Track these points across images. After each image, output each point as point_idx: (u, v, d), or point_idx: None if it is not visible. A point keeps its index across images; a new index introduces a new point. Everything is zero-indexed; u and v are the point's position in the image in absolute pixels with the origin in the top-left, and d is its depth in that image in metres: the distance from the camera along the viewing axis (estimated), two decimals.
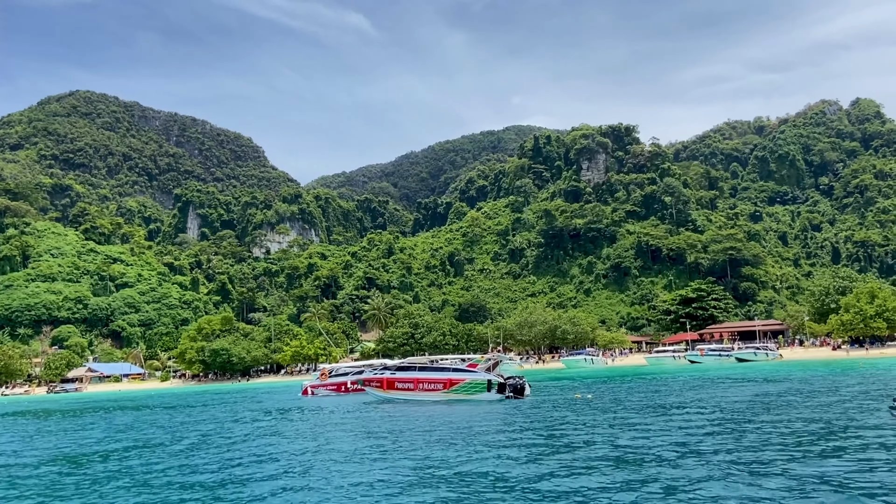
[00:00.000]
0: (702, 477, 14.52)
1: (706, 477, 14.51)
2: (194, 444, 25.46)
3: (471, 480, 15.30)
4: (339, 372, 58.59)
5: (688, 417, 25.52)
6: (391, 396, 40.31)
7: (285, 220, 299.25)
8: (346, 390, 54.63)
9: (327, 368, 60.99)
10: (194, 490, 16.03)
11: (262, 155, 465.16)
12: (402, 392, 39.71)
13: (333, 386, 55.89)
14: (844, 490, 12.68)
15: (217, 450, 23.22)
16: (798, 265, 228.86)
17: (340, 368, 60.74)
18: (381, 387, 40.82)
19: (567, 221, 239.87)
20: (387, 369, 55.17)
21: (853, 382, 40.08)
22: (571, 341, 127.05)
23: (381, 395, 40.98)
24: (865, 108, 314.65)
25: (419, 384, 39.03)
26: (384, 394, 40.74)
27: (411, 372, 40.48)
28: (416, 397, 39.00)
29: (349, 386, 54.48)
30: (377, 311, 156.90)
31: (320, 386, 56.90)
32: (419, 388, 39.03)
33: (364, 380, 43.35)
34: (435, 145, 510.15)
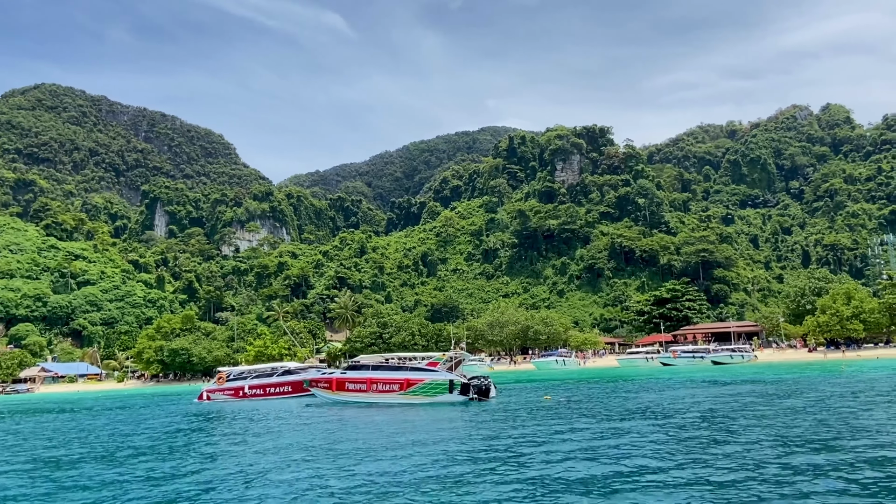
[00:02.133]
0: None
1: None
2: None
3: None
4: (238, 375, 54.77)
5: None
6: (341, 399, 36.89)
7: (256, 218, 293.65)
8: (244, 395, 51.11)
9: (225, 372, 56.63)
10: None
11: (233, 152, 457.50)
12: (354, 394, 36.40)
13: (231, 391, 52.15)
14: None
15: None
16: (769, 268, 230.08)
17: (240, 372, 56.25)
18: (330, 388, 37.39)
19: (541, 222, 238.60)
20: (288, 373, 52.10)
21: (868, 387, 38.10)
22: (544, 342, 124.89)
23: (330, 398, 37.50)
24: (835, 114, 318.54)
25: (373, 385, 35.76)
26: (333, 396, 37.29)
27: (364, 371, 37.13)
28: (369, 399, 35.73)
29: (247, 391, 51.12)
30: (344, 310, 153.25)
31: (217, 391, 53.03)
32: (373, 390, 35.78)
33: (311, 380, 39.89)
34: (410, 145, 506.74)
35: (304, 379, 50.44)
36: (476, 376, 36.52)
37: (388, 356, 40.74)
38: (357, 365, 38.77)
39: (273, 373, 53.62)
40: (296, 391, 50.20)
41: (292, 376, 51.90)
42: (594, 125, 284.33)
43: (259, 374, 54.17)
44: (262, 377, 53.13)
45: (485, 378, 35.96)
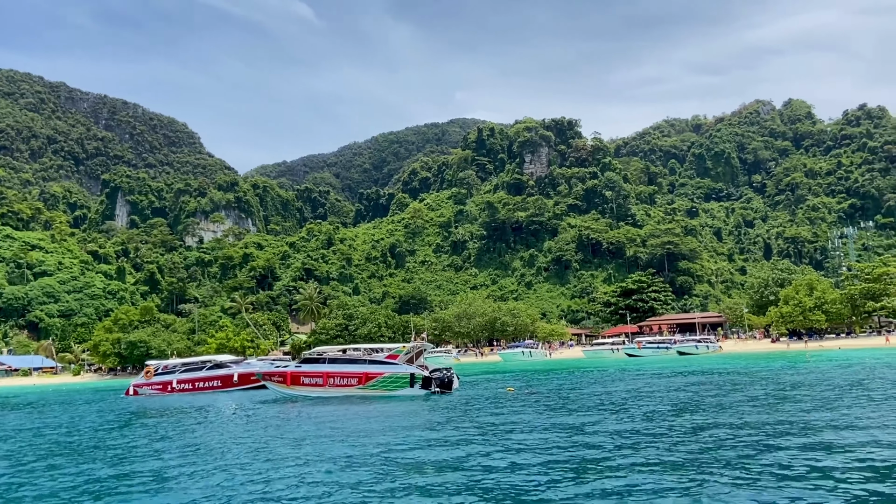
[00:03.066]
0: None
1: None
2: None
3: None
4: (166, 369, 52.33)
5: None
6: (296, 394, 35.34)
7: (220, 208, 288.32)
8: (172, 390, 48.95)
9: (153, 365, 53.53)
10: None
11: (197, 141, 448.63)
12: (310, 388, 34.91)
13: (159, 385, 49.81)
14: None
15: None
16: (732, 260, 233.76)
17: (171, 365, 53.72)
18: (284, 382, 35.71)
19: (509, 214, 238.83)
20: (218, 367, 49.83)
21: (841, 374, 38.14)
22: (511, 333, 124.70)
23: (284, 393, 35.92)
24: (797, 109, 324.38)
25: (330, 379, 34.34)
26: (287, 391, 35.71)
27: (320, 365, 35.55)
28: (325, 394, 34.32)
29: (175, 386, 48.95)
30: (310, 301, 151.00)
31: (145, 385, 50.62)
32: (329, 384, 34.35)
33: (264, 374, 37.95)
34: (378, 136, 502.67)
35: (233, 373, 48.72)
36: (438, 368, 35.41)
37: (346, 348, 39.16)
38: (312, 358, 37.06)
39: (202, 366, 51.32)
40: (225, 385, 48.14)
41: (222, 370, 49.75)
42: (562, 118, 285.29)
43: (188, 367, 51.78)
44: (190, 371, 50.73)
45: (447, 370, 34.87)
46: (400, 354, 34.49)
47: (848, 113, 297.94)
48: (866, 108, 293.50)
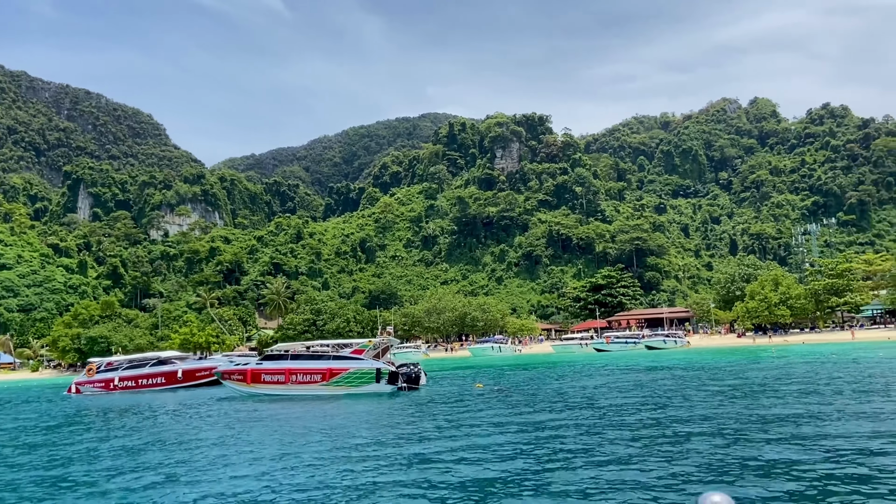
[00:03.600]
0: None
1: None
2: None
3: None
4: (109, 366, 50.14)
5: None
6: (257, 392, 33.98)
7: (186, 201, 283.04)
8: (115, 388, 46.89)
9: (95, 363, 50.95)
10: None
11: (163, 133, 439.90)
12: (271, 386, 33.62)
13: (101, 383, 47.69)
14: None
15: None
16: (699, 256, 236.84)
17: (116, 362, 51.38)
18: (244, 380, 34.36)
19: (480, 209, 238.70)
20: (161, 363, 47.95)
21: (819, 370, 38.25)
22: (481, 328, 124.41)
23: (245, 391, 34.49)
24: (763, 108, 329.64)
25: (292, 376, 33.11)
26: (248, 389, 34.29)
27: (282, 362, 34.23)
28: (288, 392, 33.05)
29: (117, 383, 46.90)
30: (277, 296, 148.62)
31: (87, 383, 48.65)
32: (292, 381, 33.12)
33: (223, 372, 36.46)
34: (349, 130, 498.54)
35: (177, 370, 46.86)
36: (405, 364, 34.55)
37: (309, 344, 38.02)
38: (274, 355, 35.72)
39: (146, 363, 49.22)
40: (170, 383, 46.30)
41: (165, 367, 47.71)
42: (533, 113, 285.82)
43: (132, 364, 49.61)
44: (134, 368, 48.54)
45: (414, 365, 34.04)
46: (366, 350, 33.55)
47: (812, 112, 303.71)
48: (829, 107, 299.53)
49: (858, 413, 19.16)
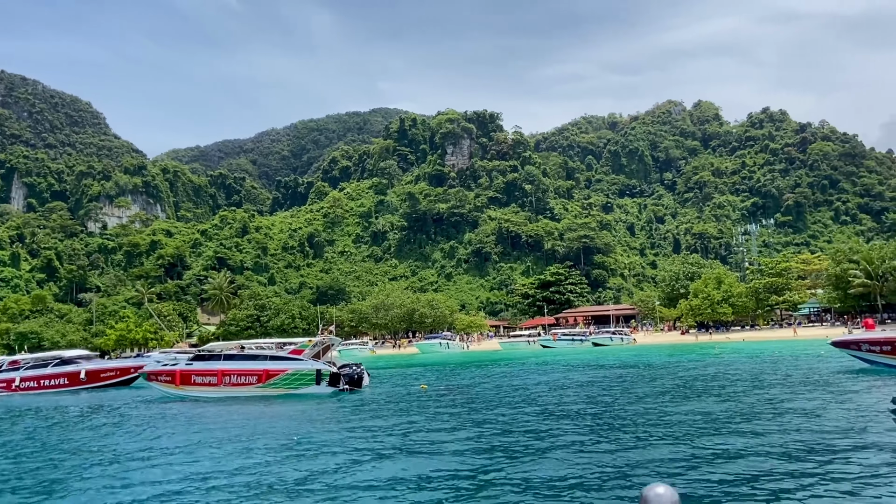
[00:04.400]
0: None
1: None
2: None
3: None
4: (13, 365, 46.16)
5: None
6: (187, 394, 32.00)
7: (126, 193, 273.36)
8: (16, 389, 43.34)
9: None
10: None
11: (102, 122, 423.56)
12: (202, 388, 31.69)
13: (3, 383, 44.00)
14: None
15: None
16: (644, 255, 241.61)
17: (20, 361, 47.12)
18: (173, 382, 32.33)
19: (431, 205, 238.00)
20: (64, 363, 44.24)
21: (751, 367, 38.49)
22: (429, 325, 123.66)
23: (173, 393, 32.41)
24: (706, 110, 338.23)
25: (225, 377, 31.28)
26: (177, 391, 32.26)
27: (214, 362, 32.31)
28: (221, 394, 31.18)
29: (19, 384, 43.18)
30: (219, 291, 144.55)
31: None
32: (225, 383, 31.27)
33: (149, 373, 34.28)
34: (298, 123, 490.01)
35: (80, 370, 43.79)
36: (347, 364, 33.01)
37: (244, 343, 35.99)
38: (206, 354, 33.80)
39: (49, 363, 45.64)
40: (73, 384, 43.11)
41: (69, 367, 44.26)
42: (484, 111, 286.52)
43: (36, 363, 45.98)
44: (36, 368, 44.89)
45: (357, 366, 32.60)
46: (306, 350, 32.00)
47: (752, 116, 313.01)
48: (769, 111, 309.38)
49: (800, 408, 19.08)
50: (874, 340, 30.61)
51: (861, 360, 31.51)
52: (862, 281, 72.76)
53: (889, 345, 29.54)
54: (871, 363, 30.65)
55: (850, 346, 32.29)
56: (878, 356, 30.03)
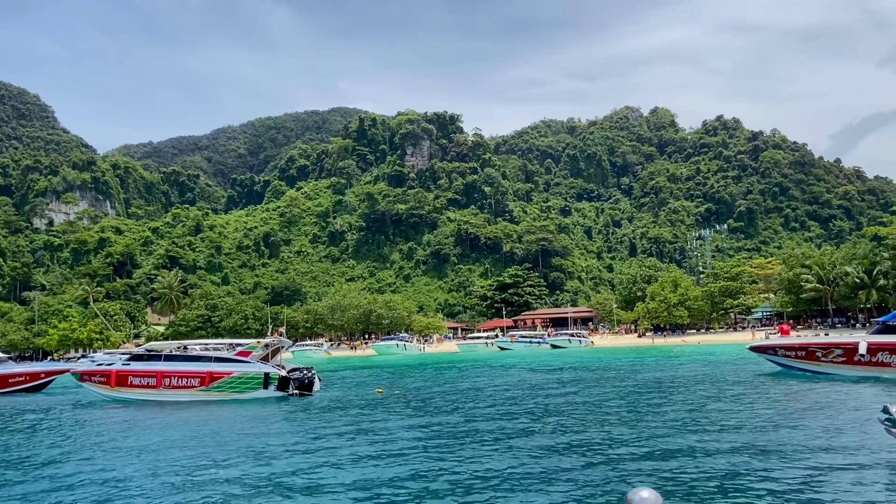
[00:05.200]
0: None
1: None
2: None
3: None
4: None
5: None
6: (122, 397, 29.82)
7: (74, 188, 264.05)
8: None
9: None
10: None
11: (51, 115, 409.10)
12: (140, 390, 29.64)
13: None
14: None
15: None
16: (601, 258, 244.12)
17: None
18: (107, 383, 30.08)
19: (389, 206, 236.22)
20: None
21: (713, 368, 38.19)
22: (386, 326, 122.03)
23: (107, 395, 30.23)
24: (662, 117, 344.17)
25: (165, 379, 29.34)
26: (112, 393, 30.07)
27: (154, 363, 30.20)
28: (160, 397, 29.23)
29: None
30: (168, 290, 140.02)
31: None
32: (165, 386, 29.34)
33: (81, 374, 31.89)
34: (255, 121, 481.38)
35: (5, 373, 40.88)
36: (298, 367, 31.31)
37: (187, 344, 33.64)
38: (145, 355, 31.57)
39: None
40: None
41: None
42: (445, 112, 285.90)
43: None
44: None
45: (307, 370, 30.91)
46: (253, 351, 30.24)
47: (707, 123, 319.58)
48: (723, 119, 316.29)
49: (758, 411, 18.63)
50: (789, 346, 32.58)
51: (776, 364, 33.17)
52: (814, 286, 74.12)
53: (802, 350, 31.47)
54: (786, 367, 32.37)
55: (766, 351, 34.05)
56: (792, 361, 31.89)
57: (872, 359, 28.36)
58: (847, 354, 29.34)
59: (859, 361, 28.69)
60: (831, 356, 29.97)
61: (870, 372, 28.32)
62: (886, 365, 27.97)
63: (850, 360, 29.14)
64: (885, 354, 28.06)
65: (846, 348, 29.63)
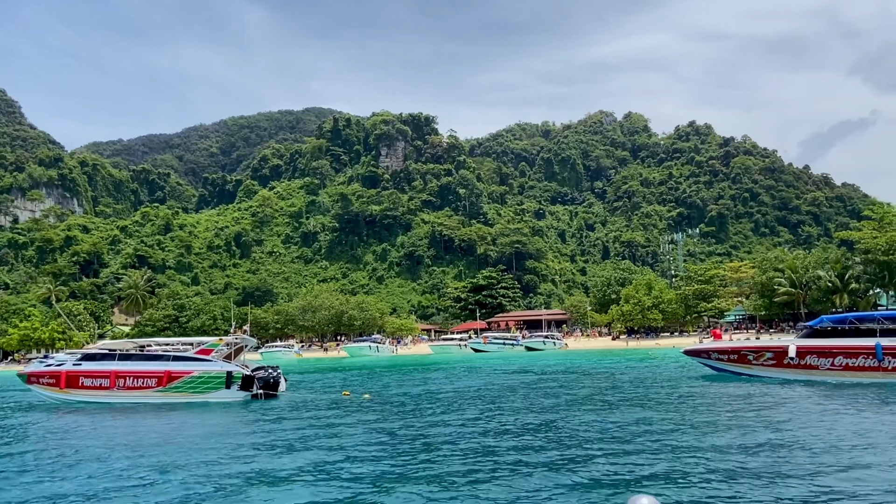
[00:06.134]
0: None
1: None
2: None
3: None
4: None
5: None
6: (73, 398, 27.92)
7: (40, 185, 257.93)
8: None
9: None
10: None
11: (17, 111, 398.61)
12: (92, 392, 27.72)
13: None
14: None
15: None
16: (574, 261, 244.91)
17: None
18: (56, 384, 28.21)
19: (363, 207, 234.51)
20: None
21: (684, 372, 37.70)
22: (358, 328, 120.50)
23: (57, 398, 28.22)
24: (636, 122, 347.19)
25: (119, 380, 27.43)
26: (62, 395, 28.09)
27: (107, 362, 28.15)
28: (114, 399, 27.37)
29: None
30: (134, 290, 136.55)
31: None
32: (119, 387, 27.43)
33: (29, 374, 29.84)
34: (228, 120, 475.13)
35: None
36: (263, 367, 29.81)
37: (143, 342, 31.73)
38: (98, 354, 29.42)
39: None
40: None
41: None
42: (420, 113, 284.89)
43: None
44: None
45: (273, 369, 29.42)
46: (215, 349, 28.46)
47: (679, 128, 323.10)
48: (695, 124, 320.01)
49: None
50: (721, 349, 33.48)
51: (710, 367, 33.82)
52: (786, 289, 74.52)
53: (735, 353, 32.30)
54: (719, 370, 33.03)
55: (700, 355, 34.84)
56: (724, 364, 32.59)
57: (801, 362, 29.43)
58: (777, 358, 30.30)
59: (789, 364, 29.71)
60: (762, 359, 30.88)
61: (799, 375, 29.40)
62: (814, 368, 29.04)
63: (779, 364, 30.12)
64: (812, 357, 29.15)
65: (776, 352, 30.58)
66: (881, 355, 27.30)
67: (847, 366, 28.17)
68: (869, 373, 27.58)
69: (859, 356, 27.93)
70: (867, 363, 27.67)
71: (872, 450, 13.87)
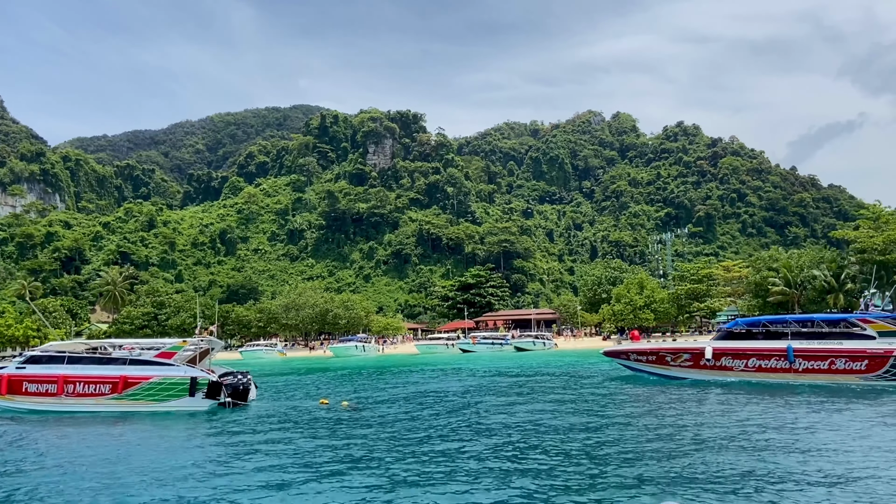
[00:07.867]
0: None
1: None
2: None
3: None
4: None
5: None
6: (15, 407, 25.16)
7: (22, 180, 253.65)
8: None
9: None
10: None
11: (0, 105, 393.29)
12: (37, 399, 25.02)
13: None
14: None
15: None
16: (562, 260, 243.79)
17: None
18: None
19: (350, 205, 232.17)
20: None
21: None
22: (344, 326, 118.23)
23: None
24: (624, 122, 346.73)
25: (68, 385, 24.85)
26: (2, 402, 25.30)
27: (56, 365, 25.51)
28: (62, 407, 24.72)
29: None
30: (112, 286, 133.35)
31: None
32: (68, 393, 24.85)
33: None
34: (214, 116, 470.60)
35: None
36: (230, 372, 27.39)
37: (97, 343, 28.16)
38: (45, 356, 26.40)
39: None
40: None
41: None
42: (408, 111, 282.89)
43: None
44: None
45: (243, 374, 26.99)
46: (178, 352, 25.99)
47: (667, 129, 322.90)
48: (683, 125, 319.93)
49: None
50: (640, 351, 33.56)
51: (629, 368, 34.10)
52: (781, 289, 73.20)
53: (653, 355, 32.59)
54: (637, 371, 33.39)
55: (619, 356, 35.18)
56: (643, 365, 32.90)
57: (717, 363, 30.16)
58: (694, 359, 30.93)
59: (705, 366, 30.45)
60: (679, 360, 31.46)
61: (715, 375, 30.23)
62: (729, 369, 29.88)
63: (696, 365, 30.79)
64: (727, 359, 29.99)
65: (693, 353, 31.22)
66: (792, 357, 28.12)
67: (760, 367, 29.05)
68: (781, 374, 28.50)
69: (771, 358, 28.81)
70: (779, 365, 28.54)
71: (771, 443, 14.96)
